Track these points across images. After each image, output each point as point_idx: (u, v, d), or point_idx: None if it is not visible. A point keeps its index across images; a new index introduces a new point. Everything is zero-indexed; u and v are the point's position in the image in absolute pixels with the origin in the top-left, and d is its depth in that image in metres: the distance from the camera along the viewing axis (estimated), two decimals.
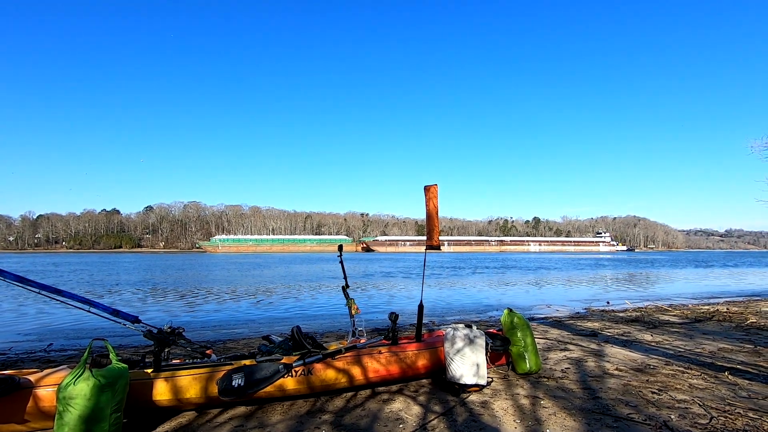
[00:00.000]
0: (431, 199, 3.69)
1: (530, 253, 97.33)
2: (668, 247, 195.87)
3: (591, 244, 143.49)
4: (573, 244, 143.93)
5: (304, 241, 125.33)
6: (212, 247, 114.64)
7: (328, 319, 8.66)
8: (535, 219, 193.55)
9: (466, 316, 8.96)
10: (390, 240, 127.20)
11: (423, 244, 5.14)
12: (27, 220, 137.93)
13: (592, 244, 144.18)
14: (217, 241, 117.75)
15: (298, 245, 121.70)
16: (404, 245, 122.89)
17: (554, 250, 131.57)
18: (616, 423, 2.73)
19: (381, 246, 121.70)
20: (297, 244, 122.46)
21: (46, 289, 2.82)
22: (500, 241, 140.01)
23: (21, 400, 2.52)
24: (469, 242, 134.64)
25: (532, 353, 3.79)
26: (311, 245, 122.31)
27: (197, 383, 2.85)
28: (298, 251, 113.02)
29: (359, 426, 2.76)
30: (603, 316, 7.87)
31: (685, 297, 12.73)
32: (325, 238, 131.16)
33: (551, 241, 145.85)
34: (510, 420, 2.81)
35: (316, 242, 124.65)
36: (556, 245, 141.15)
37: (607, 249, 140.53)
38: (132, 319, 3.06)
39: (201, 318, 9.07)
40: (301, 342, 3.35)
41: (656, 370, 3.98)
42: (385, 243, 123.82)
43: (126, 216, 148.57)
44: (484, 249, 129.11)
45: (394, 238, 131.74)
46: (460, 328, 3.42)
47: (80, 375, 2.38)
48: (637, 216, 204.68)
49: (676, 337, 5.66)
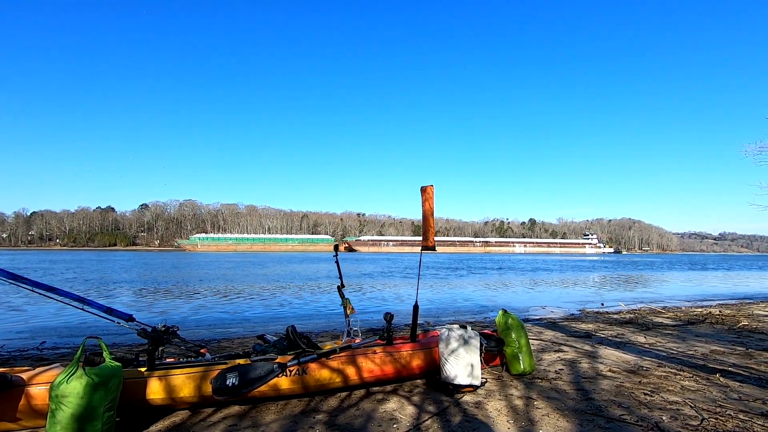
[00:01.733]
0: (427, 200, 3.70)
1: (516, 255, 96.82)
2: (662, 249, 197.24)
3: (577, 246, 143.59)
4: (559, 245, 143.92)
5: (286, 240, 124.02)
6: (191, 246, 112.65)
7: (324, 319, 8.65)
8: (530, 220, 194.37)
9: (461, 317, 8.98)
10: (372, 240, 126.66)
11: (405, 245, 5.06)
12: (20, 216, 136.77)
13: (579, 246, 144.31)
14: (197, 240, 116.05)
15: (280, 244, 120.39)
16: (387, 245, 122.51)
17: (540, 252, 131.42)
18: (608, 424, 2.75)
19: (363, 246, 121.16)
20: (279, 243, 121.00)
21: (40, 287, 2.80)
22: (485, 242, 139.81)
23: (13, 398, 2.50)
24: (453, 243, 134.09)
25: (526, 354, 3.81)
26: (293, 244, 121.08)
27: (191, 382, 2.84)
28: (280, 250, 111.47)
29: (353, 426, 2.76)
30: (597, 318, 7.92)
31: (679, 299, 12.82)
32: (307, 237, 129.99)
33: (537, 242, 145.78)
34: (503, 420, 2.82)
35: (298, 241, 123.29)
36: (542, 246, 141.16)
37: (593, 251, 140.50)
38: (126, 318, 3.04)
39: (195, 317, 9.03)
40: (295, 341, 3.35)
41: (649, 371, 4.01)
42: (367, 243, 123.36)
43: (121, 214, 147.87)
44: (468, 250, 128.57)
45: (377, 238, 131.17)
46: (455, 329, 3.43)
47: (73, 373, 2.36)
48: (632, 218, 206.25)
49: (669, 339, 5.70)
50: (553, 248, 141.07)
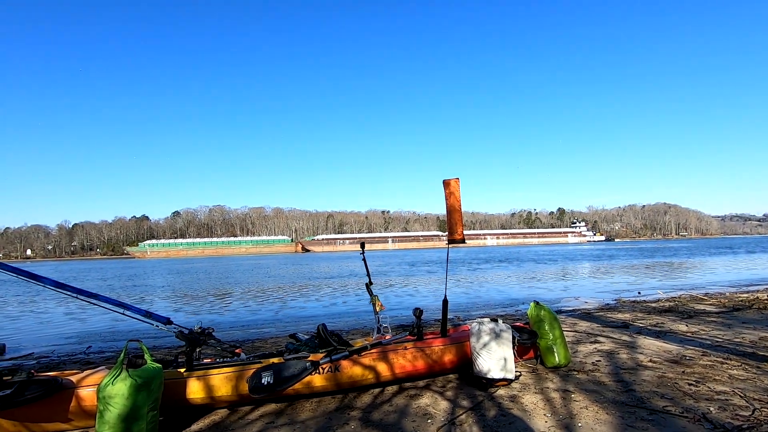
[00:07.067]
0: (452, 193, 3.66)
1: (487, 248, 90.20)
2: (702, 234, 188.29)
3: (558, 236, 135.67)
4: (537, 236, 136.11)
5: (239, 243, 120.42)
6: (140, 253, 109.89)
7: (353, 317, 8.72)
8: (559, 210, 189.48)
9: (491, 310, 8.87)
10: (327, 239, 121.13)
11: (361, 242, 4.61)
12: (63, 229, 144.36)
13: (559, 235, 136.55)
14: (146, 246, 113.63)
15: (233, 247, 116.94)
16: (343, 244, 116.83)
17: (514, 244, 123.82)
18: (651, 416, 2.65)
19: (318, 246, 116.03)
20: (232, 246, 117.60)
21: (83, 294, 2.94)
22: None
23: (65, 400, 2.64)
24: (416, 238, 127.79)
25: (560, 346, 3.72)
26: (246, 247, 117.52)
27: (228, 381, 2.92)
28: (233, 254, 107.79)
29: (387, 422, 2.76)
30: (634, 307, 7.65)
31: (722, 285, 12.22)
32: (261, 239, 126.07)
33: (511, 233, 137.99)
34: (540, 414, 2.76)
35: (251, 244, 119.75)
36: (517, 238, 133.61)
37: (576, 240, 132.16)
38: (164, 321, 3.16)
39: (229, 318, 9.29)
40: (327, 339, 3.38)
41: (693, 361, 3.84)
42: (322, 242, 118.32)
43: (155, 221, 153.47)
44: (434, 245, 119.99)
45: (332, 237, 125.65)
46: (486, 323, 3.39)
47: (118, 375, 2.47)
48: (667, 203, 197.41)
49: (714, 326, 5.45)
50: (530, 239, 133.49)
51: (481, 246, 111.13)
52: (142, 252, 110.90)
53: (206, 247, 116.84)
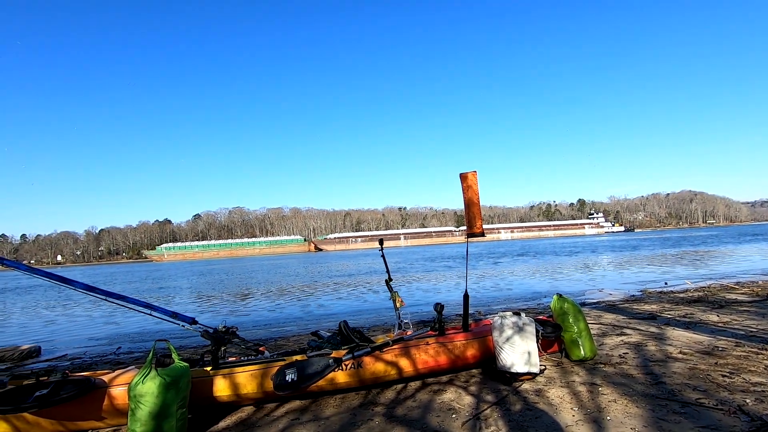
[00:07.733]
0: (470, 186, 3.62)
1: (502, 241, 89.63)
2: (730, 221, 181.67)
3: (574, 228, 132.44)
4: (552, 228, 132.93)
5: (253, 243, 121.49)
6: (157, 256, 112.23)
7: (373, 314, 8.75)
8: (579, 201, 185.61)
9: (512, 304, 8.76)
10: (340, 238, 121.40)
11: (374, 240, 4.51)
12: (90, 234, 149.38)
13: (576, 227, 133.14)
14: (163, 250, 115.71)
15: (247, 248, 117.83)
16: (355, 242, 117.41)
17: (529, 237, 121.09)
18: (683, 408, 2.57)
19: (330, 244, 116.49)
20: (246, 247, 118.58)
21: (112, 296, 3.03)
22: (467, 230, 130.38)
23: (98, 399, 2.73)
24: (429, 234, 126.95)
25: (586, 339, 3.65)
26: (260, 247, 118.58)
27: (253, 379, 2.96)
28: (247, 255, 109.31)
29: (412, 417, 2.76)
30: (661, 298, 7.44)
31: (754, 273, 11.77)
32: (275, 239, 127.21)
33: (526, 227, 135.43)
34: (567, 407, 2.72)
35: (265, 244, 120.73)
36: (532, 231, 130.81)
37: (593, 231, 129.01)
38: (189, 321, 3.22)
39: (252, 317, 9.44)
40: (349, 336, 3.40)
41: (726, 352, 3.71)
42: (334, 241, 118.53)
43: (177, 225, 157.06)
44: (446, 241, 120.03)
45: (345, 235, 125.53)
46: (508, 316, 3.35)
47: (147, 374, 2.54)
48: (693, 190, 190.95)
49: (747, 316, 5.26)
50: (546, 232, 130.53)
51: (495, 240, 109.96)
52: (160, 255, 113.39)
53: (221, 248, 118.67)
